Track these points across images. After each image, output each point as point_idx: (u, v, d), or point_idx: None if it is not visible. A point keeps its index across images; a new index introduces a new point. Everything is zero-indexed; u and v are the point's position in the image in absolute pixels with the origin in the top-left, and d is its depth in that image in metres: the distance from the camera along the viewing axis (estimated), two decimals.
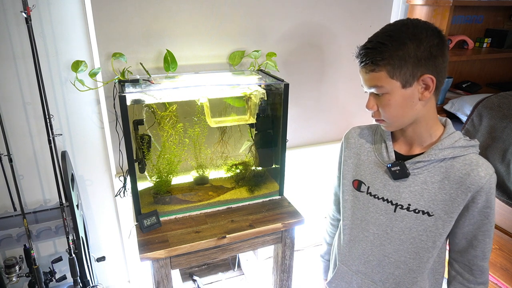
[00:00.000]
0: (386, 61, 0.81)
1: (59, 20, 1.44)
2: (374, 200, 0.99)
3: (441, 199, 0.89)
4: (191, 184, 1.58)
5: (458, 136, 0.90)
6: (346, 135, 1.08)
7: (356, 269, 1.06)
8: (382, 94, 0.86)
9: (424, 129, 0.91)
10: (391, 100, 0.85)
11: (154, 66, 1.56)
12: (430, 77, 0.82)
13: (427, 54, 0.81)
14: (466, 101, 1.78)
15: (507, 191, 1.53)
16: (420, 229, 0.93)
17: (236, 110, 1.54)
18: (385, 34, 0.83)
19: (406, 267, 0.97)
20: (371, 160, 1.00)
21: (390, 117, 0.88)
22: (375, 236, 1.00)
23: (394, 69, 0.82)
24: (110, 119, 1.58)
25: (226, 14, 1.60)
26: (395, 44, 0.81)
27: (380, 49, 0.82)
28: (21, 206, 1.41)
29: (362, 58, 0.85)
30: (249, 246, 1.42)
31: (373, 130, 1.04)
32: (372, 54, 0.83)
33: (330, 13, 1.79)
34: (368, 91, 0.90)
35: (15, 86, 1.46)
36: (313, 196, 2.14)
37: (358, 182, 1.03)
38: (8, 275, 1.50)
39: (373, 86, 0.86)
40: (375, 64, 0.83)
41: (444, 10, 1.88)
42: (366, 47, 0.85)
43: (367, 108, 0.90)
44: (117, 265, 1.94)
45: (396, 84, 0.83)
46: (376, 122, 0.94)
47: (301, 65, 1.83)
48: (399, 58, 0.81)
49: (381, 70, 0.83)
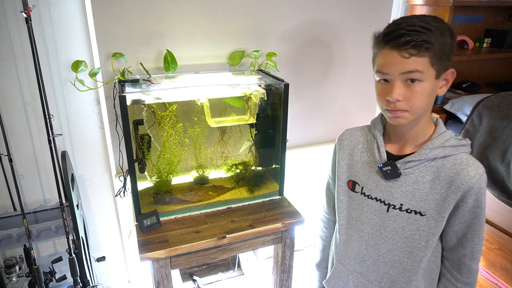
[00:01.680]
0: (431, 46, 0.78)
1: (59, 20, 1.44)
2: (368, 200, 0.99)
3: (432, 199, 0.90)
4: (191, 184, 1.58)
5: (448, 136, 0.90)
6: (339, 137, 1.08)
7: (352, 269, 1.06)
8: (416, 82, 0.81)
9: (421, 128, 0.91)
10: (425, 88, 0.81)
11: (154, 66, 1.56)
12: (453, 72, 0.84)
13: (453, 50, 0.83)
14: (466, 101, 1.78)
15: (507, 191, 1.53)
16: (412, 229, 0.93)
17: (236, 110, 1.54)
18: (426, 21, 0.79)
19: (401, 266, 0.98)
20: (364, 161, 1.00)
21: (416, 107, 0.83)
22: (369, 236, 1.00)
23: (436, 57, 0.80)
24: (110, 119, 1.58)
25: (226, 14, 1.60)
26: (439, 32, 0.79)
27: (427, 33, 0.78)
28: (21, 206, 1.41)
29: (405, 37, 0.78)
30: (249, 246, 1.42)
31: (366, 131, 1.04)
32: (419, 37, 0.77)
33: (330, 13, 1.79)
34: (393, 78, 0.82)
35: (15, 86, 1.46)
36: (313, 196, 2.14)
37: (353, 183, 1.03)
38: (8, 275, 1.50)
39: (412, 71, 0.80)
40: (419, 48, 0.78)
41: (444, 10, 1.88)
42: (409, 29, 0.78)
43: (391, 98, 0.82)
44: (117, 265, 1.94)
45: (433, 73, 0.82)
46: (392, 114, 0.86)
47: (301, 65, 1.83)
48: (441, 47, 0.80)
49: (424, 56, 0.79)
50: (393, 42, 0.80)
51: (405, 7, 2.06)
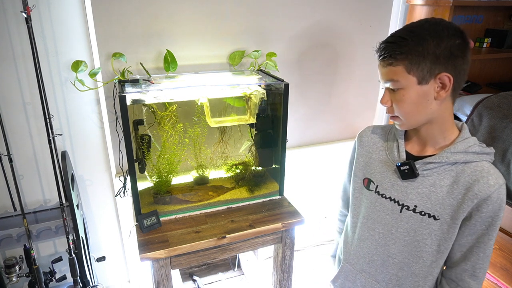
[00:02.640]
0: (404, 55, 0.81)
1: (59, 20, 1.44)
2: (382, 199, 0.98)
3: (448, 204, 0.88)
4: (191, 184, 1.58)
5: (473, 142, 0.88)
6: (360, 133, 1.09)
7: (360, 268, 1.06)
8: (398, 89, 0.85)
9: (438, 131, 0.90)
10: (406, 95, 0.85)
11: (154, 66, 1.56)
12: (447, 76, 0.81)
13: (447, 53, 0.80)
14: (466, 101, 1.79)
15: (507, 191, 1.53)
16: (424, 232, 0.92)
17: (236, 110, 1.54)
18: (407, 30, 0.84)
19: (409, 270, 0.97)
20: (382, 159, 1.00)
21: (403, 114, 0.88)
22: (380, 236, 1.00)
23: (412, 64, 0.81)
24: (110, 119, 1.58)
25: (226, 14, 1.60)
26: (416, 39, 0.81)
27: (400, 43, 0.82)
28: (21, 206, 1.41)
29: (382, 51, 0.85)
30: (249, 246, 1.42)
31: (387, 129, 1.04)
32: (391, 48, 0.83)
33: (330, 13, 1.79)
34: (384, 86, 0.89)
35: (15, 86, 1.46)
36: (313, 196, 2.14)
37: (368, 181, 1.02)
38: (8, 275, 1.50)
39: (389, 80, 0.86)
40: (393, 58, 0.83)
41: (444, 10, 1.88)
42: (387, 41, 0.85)
43: (381, 103, 0.90)
44: (117, 265, 1.94)
45: (413, 79, 0.83)
46: (391, 119, 0.94)
47: (301, 65, 1.83)
48: (418, 53, 0.80)
49: (398, 65, 0.83)
50: (378, 55, 0.87)
51: (405, 7, 2.06)
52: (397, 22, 2.06)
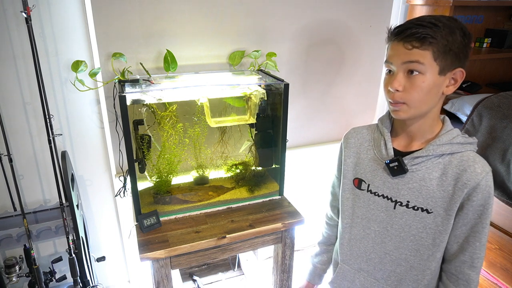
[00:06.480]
0: (435, 41, 0.81)
1: (59, 20, 1.44)
2: (375, 198, 0.99)
3: (439, 196, 0.90)
4: (191, 184, 1.58)
5: (456, 133, 0.91)
6: (345, 135, 1.09)
7: (358, 267, 1.06)
8: (416, 74, 0.83)
9: (428, 125, 0.92)
10: (425, 82, 0.83)
11: (154, 66, 1.56)
12: (462, 72, 0.84)
13: (466, 51, 0.83)
14: (466, 101, 1.78)
15: (507, 191, 1.53)
16: (419, 226, 0.93)
17: (236, 110, 1.54)
18: (435, 19, 0.82)
19: (408, 265, 0.98)
20: (371, 158, 1.00)
21: (413, 101, 0.85)
22: (376, 234, 1.00)
23: (440, 52, 0.81)
24: (110, 119, 1.58)
25: (226, 14, 1.60)
26: (447, 29, 0.81)
27: (433, 29, 0.81)
28: (21, 206, 1.41)
29: (411, 30, 0.81)
30: (249, 246, 1.42)
31: (372, 128, 1.04)
32: (423, 30, 0.80)
33: (330, 13, 1.79)
34: (396, 69, 0.86)
35: (15, 86, 1.46)
36: (313, 196, 2.14)
37: (359, 181, 1.03)
38: (8, 275, 1.50)
39: (412, 61, 0.82)
40: (423, 40, 0.81)
41: (444, 10, 1.88)
42: (415, 23, 0.82)
43: (391, 88, 0.86)
44: (117, 265, 1.94)
45: (436, 68, 0.83)
46: (392, 106, 0.89)
47: (301, 65, 1.83)
48: (447, 43, 0.81)
49: (427, 49, 0.81)
50: (399, 35, 0.84)
51: (405, 7, 2.06)
52: (397, 22, 2.06)
